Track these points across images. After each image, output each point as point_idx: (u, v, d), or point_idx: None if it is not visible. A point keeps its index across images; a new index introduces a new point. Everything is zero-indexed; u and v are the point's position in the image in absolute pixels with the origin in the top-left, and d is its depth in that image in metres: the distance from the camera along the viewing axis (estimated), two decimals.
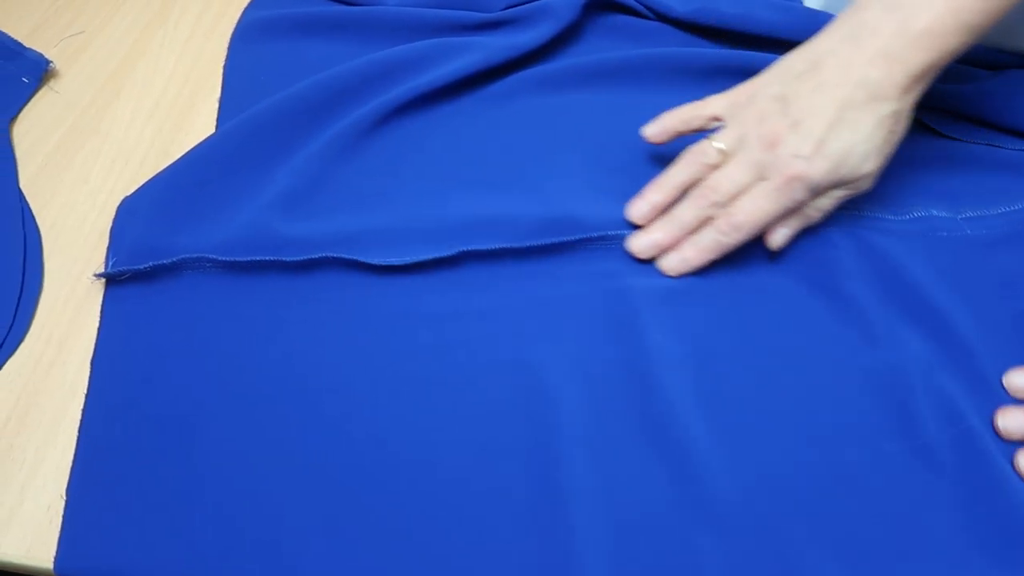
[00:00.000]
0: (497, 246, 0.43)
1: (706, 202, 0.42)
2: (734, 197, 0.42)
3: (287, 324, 0.41)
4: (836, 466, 0.37)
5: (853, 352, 0.41)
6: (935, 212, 0.48)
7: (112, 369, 0.40)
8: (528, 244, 0.43)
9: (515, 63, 0.53)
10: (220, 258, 0.42)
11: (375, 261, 0.42)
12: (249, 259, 0.42)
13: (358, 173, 0.47)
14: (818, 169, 0.40)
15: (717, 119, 0.45)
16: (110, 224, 0.45)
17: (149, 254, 0.42)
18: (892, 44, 0.39)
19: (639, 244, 0.44)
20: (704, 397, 0.39)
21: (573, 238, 0.43)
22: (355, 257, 0.42)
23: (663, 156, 0.47)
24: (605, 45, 0.56)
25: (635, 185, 0.45)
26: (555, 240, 0.43)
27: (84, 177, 0.48)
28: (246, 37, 0.56)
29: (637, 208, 0.45)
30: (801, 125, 0.40)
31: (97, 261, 0.44)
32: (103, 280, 0.43)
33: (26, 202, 0.46)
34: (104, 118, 0.51)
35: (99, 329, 0.41)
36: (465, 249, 0.42)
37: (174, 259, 0.42)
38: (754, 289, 0.43)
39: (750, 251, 0.43)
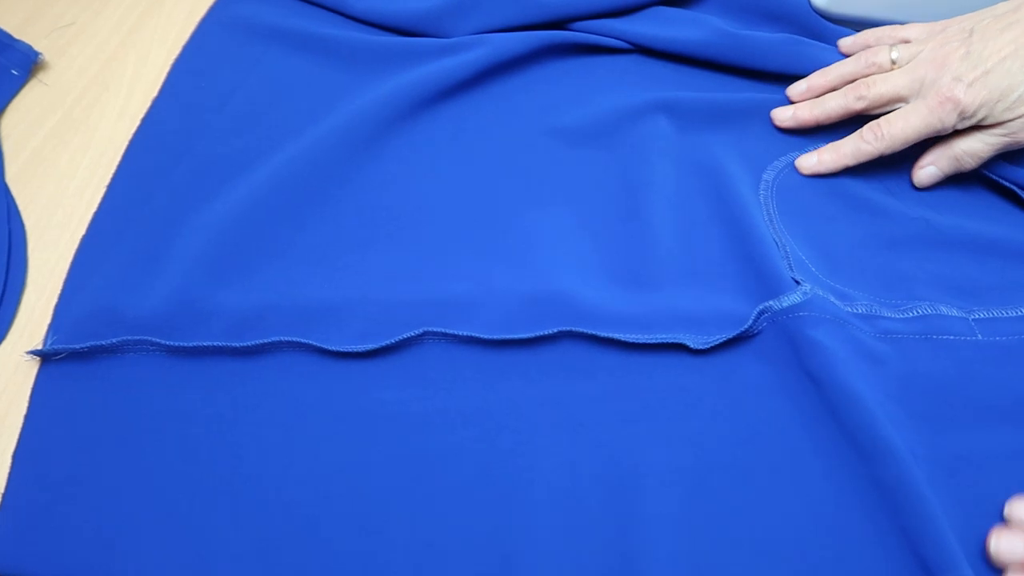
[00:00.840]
0: (467, 333, 0.39)
1: (855, 93, 0.46)
2: (883, 102, 0.46)
3: (233, 413, 0.37)
4: None
5: (841, 468, 0.37)
6: (943, 309, 0.43)
7: (36, 461, 0.36)
8: (502, 337, 0.39)
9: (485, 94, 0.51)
10: (163, 343, 0.38)
11: (331, 347, 0.39)
12: (194, 345, 0.38)
13: (292, 226, 0.44)
14: (974, 97, 0.43)
15: (907, 41, 0.48)
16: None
17: (90, 330, 0.39)
18: None
19: (782, 114, 0.49)
20: (687, 516, 0.36)
21: (556, 330, 0.39)
22: (311, 342, 0.39)
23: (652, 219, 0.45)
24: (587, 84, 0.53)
25: (637, 256, 0.43)
26: (535, 334, 0.39)
27: (71, 172, 0.48)
28: (206, 32, 0.54)
29: (798, 87, 0.50)
30: (973, 54, 0.43)
31: None
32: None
33: (11, 197, 0.46)
34: (93, 112, 0.51)
35: (27, 414, 0.37)
36: (430, 330, 0.39)
37: (114, 341, 0.38)
38: (739, 395, 0.39)
39: (735, 357, 0.41)
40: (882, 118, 0.46)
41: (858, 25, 0.55)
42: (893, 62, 0.47)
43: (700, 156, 0.49)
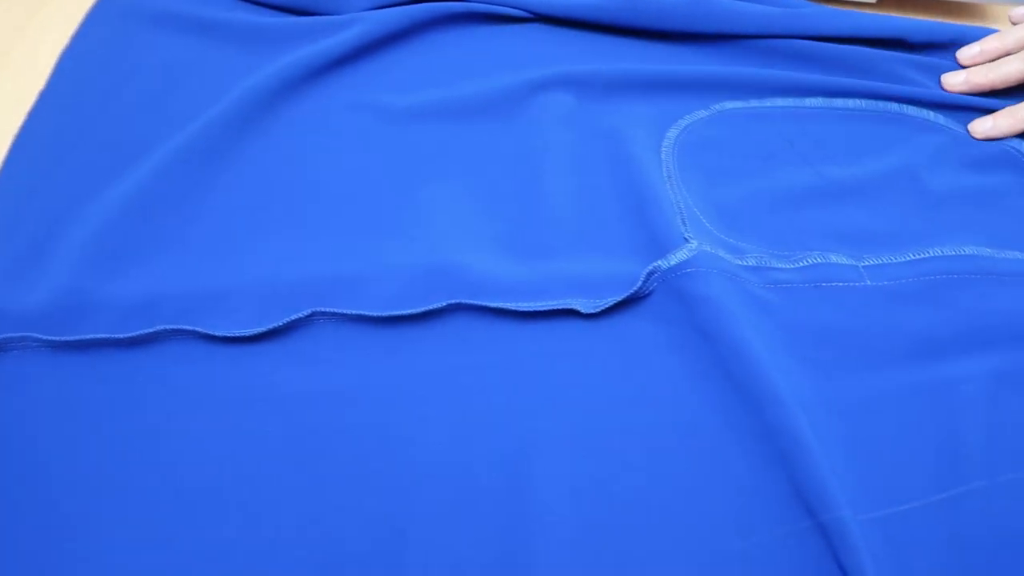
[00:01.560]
0: (355, 311, 0.39)
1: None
2: None
3: (121, 405, 0.37)
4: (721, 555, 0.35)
5: (729, 421, 0.38)
6: (833, 258, 0.44)
7: None
8: (391, 313, 0.39)
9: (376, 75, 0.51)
10: (43, 337, 0.38)
11: (219, 333, 0.38)
12: (79, 339, 0.38)
13: (181, 213, 0.43)
14: None
15: None
16: None
17: None
18: None
19: (953, 79, 0.50)
20: (579, 479, 0.36)
21: (445, 303, 0.39)
22: (196, 329, 0.38)
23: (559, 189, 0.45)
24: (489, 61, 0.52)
25: (530, 225, 0.44)
26: (424, 308, 0.39)
27: None
28: (98, 19, 0.53)
29: (968, 50, 0.50)
30: None
31: None
32: None
33: None
34: None
35: None
36: (319, 310, 0.39)
37: None
38: (631, 356, 0.40)
39: (628, 319, 0.41)
40: None
41: None
42: None
43: (598, 123, 0.49)
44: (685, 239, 0.42)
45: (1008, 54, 0.49)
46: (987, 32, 0.54)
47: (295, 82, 0.49)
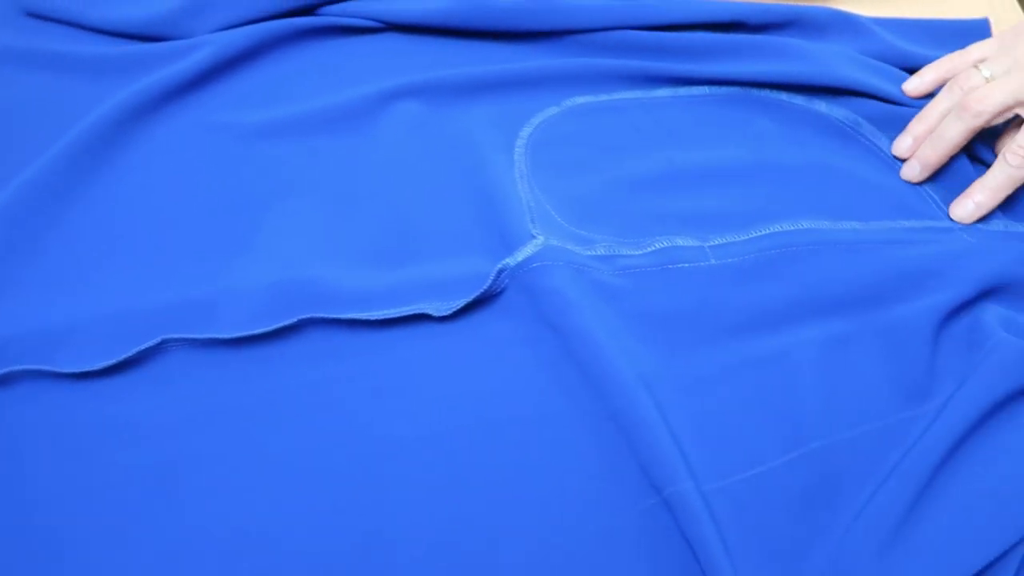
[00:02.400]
0: (206, 336, 0.39)
1: (970, 112, 0.46)
2: (1001, 110, 0.46)
3: None
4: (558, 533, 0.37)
5: (579, 408, 0.39)
6: (680, 241, 0.45)
7: None
8: (242, 334, 0.39)
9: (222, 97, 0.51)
10: None
11: (67, 370, 0.38)
12: None
13: (28, 250, 0.43)
14: None
15: (983, 60, 0.49)
16: None
17: None
18: None
19: (909, 171, 0.50)
20: (438, 479, 0.37)
21: (296, 319, 0.39)
22: (45, 367, 0.38)
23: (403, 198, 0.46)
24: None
25: (382, 234, 0.44)
26: (275, 326, 0.39)
27: None
28: None
29: (903, 143, 0.50)
30: None
31: None
32: None
33: None
34: None
35: None
36: (169, 337, 0.39)
37: None
38: (486, 354, 0.41)
39: (481, 318, 0.42)
40: (1018, 137, 0.46)
41: None
42: (987, 79, 0.47)
43: (450, 128, 0.50)
44: (532, 235, 0.44)
45: (935, 126, 0.49)
46: (820, 11, 0.56)
47: (144, 109, 0.49)
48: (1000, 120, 0.48)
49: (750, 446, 0.39)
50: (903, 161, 0.51)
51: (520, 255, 0.43)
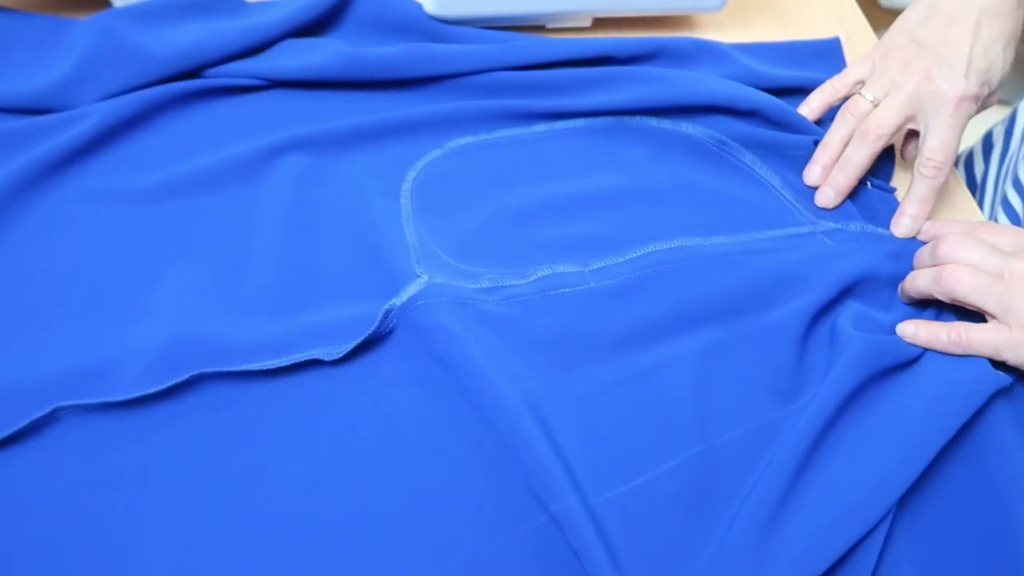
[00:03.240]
0: (98, 400, 0.40)
1: (871, 137, 0.50)
2: (897, 130, 0.50)
3: None
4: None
5: (469, 437, 0.41)
6: (561, 268, 0.48)
7: None
8: (134, 395, 0.40)
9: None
10: None
11: None
12: None
13: None
14: (973, 84, 0.49)
15: (860, 81, 0.52)
16: None
17: None
18: None
19: (824, 198, 0.53)
20: (333, 518, 0.39)
21: (188, 376, 0.41)
22: None
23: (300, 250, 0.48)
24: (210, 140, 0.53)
25: (272, 286, 0.46)
26: (168, 384, 0.40)
27: None
28: None
29: (812, 173, 0.53)
30: (947, 56, 0.49)
31: None
32: None
33: None
34: None
35: None
36: (62, 405, 0.39)
37: None
38: (378, 394, 0.42)
39: (373, 359, 0.44)
40: (933, 148, 0.50)
41: (472, 23, 0.59)
42: (873, 102, 0.51)
43: (336, 178, 0.52)
44: (417, 275, 0.45)
45: (839, 153, 0.53)
46: (683, 41, 0.60)
47: (32, 181, 0.49)
48: (896, 138, 0.53)
49: (634, 457, 0.41)
50: (814, 189, 0.54)
51: (405, 295, 0.44)
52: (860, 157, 0.51)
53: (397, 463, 0.40)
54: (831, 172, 0.53)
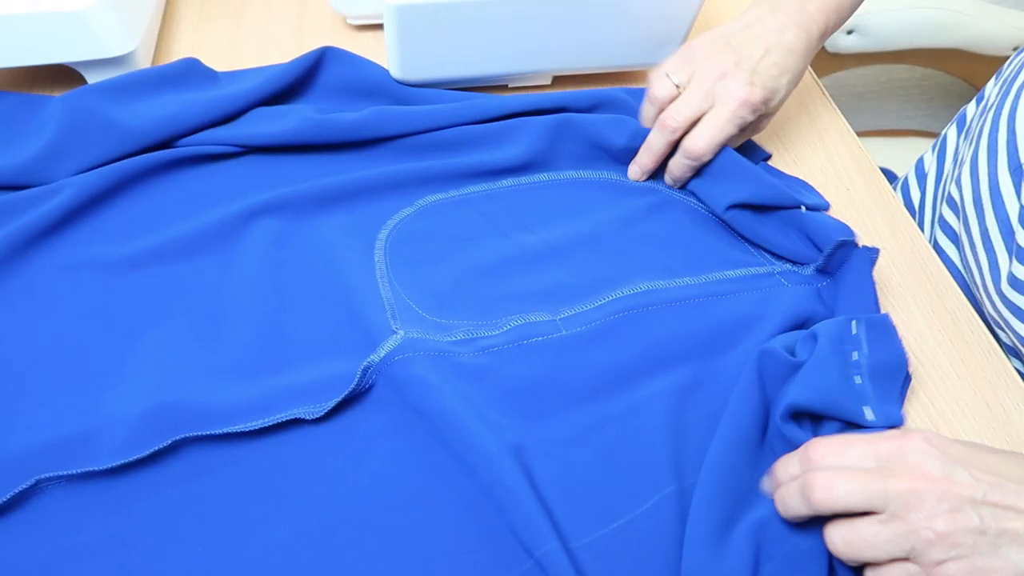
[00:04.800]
0: (80, 470, 0.40)
1: (668, 128, 0.55)
2: (691, 122, 0.54)
3: None
4: None
5: (452, 486, 0.42)
6: (533, 317, 0.49)
7: None
8: (116, 463, 0.40)
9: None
10: None
11: None
12: None
13: None
14: (758, 94, 0.53)
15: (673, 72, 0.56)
16: None
17: None
18: (798, 16, 0.56)
19: (634, 174, 0.58)
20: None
21: (170, 441, 0.41)
22: None
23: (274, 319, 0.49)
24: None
25: (250, 348, 0.47)
26: (150, 451, 0.41)
27: None
28: None
29: (636, 169, 0.59)
30: (743, 60, 0.54)
31: None
32: None
33: None
34: None
35: None
36: (43, 477, 0.40)
37: None
38: (361, 449, 0.43)
39: (355, 415, 0.45)
40: (696, 138, 0.54)
41: (437, 86, 0.62)
42: (677, 86, 0.55)
43: (310, 239, 0.53)
44: (393, 331, 0.47)
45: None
46: (641, 91, 0.63)
47: (7, 255, 0.50)
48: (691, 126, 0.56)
49: (612, 499, 0.42)
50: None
51: (383, 350, 0.46)
52: (658, 146, 0.56)
53: (383, 516, 0.41)
54: (639, 152, 0.58)
